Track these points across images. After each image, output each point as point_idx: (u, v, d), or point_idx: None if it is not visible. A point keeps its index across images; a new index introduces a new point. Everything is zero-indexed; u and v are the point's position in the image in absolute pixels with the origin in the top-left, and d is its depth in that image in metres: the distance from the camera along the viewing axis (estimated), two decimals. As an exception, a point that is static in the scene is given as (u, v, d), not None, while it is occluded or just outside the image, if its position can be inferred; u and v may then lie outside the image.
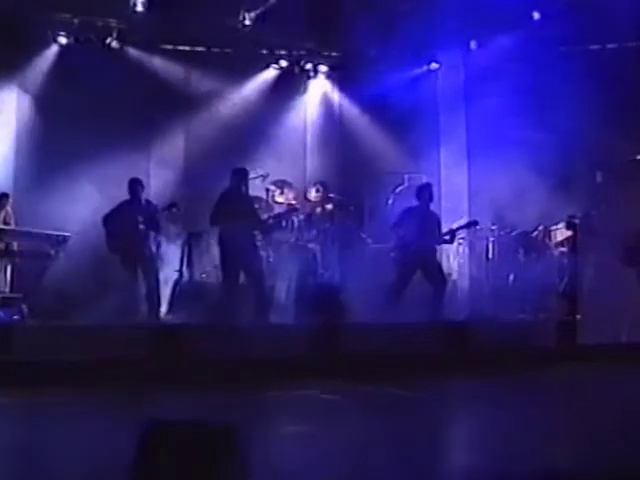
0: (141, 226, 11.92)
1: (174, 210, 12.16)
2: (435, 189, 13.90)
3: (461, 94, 15.11)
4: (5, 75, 13.73)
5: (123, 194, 12.20)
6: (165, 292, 12.41)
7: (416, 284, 11.86)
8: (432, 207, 12.29)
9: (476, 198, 14.12)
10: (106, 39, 13.97)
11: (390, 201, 14.27)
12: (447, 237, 12.15)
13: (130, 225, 11.86)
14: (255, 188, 13.43)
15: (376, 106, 15.02)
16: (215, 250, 12.21)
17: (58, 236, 12.59)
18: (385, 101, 14.51)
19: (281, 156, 15.22)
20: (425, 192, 12.21)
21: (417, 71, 15.54)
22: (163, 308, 12.33)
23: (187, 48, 15.26)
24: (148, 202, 12.23)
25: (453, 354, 10.28)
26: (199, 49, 15.33)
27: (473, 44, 15.32)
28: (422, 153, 15.05)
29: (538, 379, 9.61)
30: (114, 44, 14.03)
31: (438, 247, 12.32)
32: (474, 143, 14.46)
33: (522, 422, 7.21)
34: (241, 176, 11.93)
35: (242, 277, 11.78)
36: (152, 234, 12.01)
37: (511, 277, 13.24)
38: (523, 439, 6.55)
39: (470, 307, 12.86)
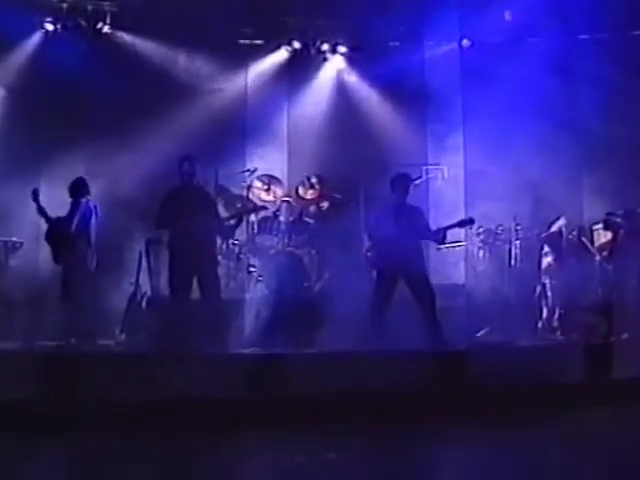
0: (73, 230, 10.06)
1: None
2: (456, 183, 12.53)
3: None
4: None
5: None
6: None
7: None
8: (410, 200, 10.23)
9: (499, 193, 11.77)
10: (97, 24, 12.71)
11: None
12: (435, 237, 9.92)
13: (62, 230, 10.08)
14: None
15: (395, 93, 13.29)
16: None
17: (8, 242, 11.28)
18: (404, 88, 13.00)
19: (284, 148, 13.35)
20: (398, 184, 9.99)
21: (441, 51, 13.51)
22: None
23: (186, 32, 13.28)
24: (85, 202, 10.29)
25: (444, 392, 8.08)
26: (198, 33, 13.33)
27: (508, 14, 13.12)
28: (443, 143, 13.19)
29: (551, 427, 7.46)
30: (106, 29, 12.78)
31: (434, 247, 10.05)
32: (499, 131, 12.25)
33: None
34: (190, 166, 9.78)
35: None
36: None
37: (538, 288, 11.04)
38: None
39: (481, 327, 10.54)
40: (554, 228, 11.14)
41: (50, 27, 12.51)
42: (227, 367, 8.23)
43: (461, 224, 10.14)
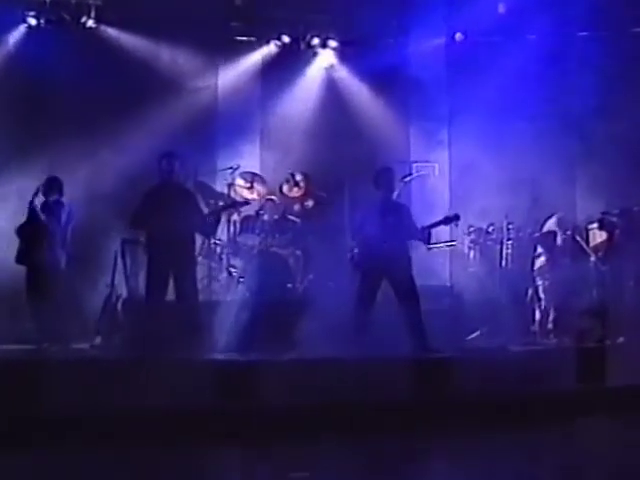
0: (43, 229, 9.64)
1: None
2: (445, 179, 12.20)
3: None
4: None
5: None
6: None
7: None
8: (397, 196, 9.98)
9: (491, 191, 11.32)
10: (81, 18, 12.28)
11: (396, 193, 11.46)
12: (421, 236, 9.40)
13: (34, 229, 9.68)
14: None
15: (385, 88, 12.86)
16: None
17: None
18: (395, 83, 12.65)
19: (271, 145, 12.84)
20: (382, 179, 9.54)
21: (433, 45, 12.99)
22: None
23: (172, 26, 12.75)
24: (57, 200, 9.94)
25: (427, 401, 7.65)
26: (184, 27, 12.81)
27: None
28: (434, 140, 12.80)
29: (541, 440, 7.01)
30: (90, 23, 12.35)
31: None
32: (490, 127, 11.81)
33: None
34: (169, 162, 9.36)
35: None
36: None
37: (530, 290, 10.57)
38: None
39: (470, 330, 10.09)
40: (547, 227, 10.69)
41: (33, 21, 12.16)
42: (198, 374, 7.83)
43: (446, 221, 9.63)
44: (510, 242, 10.86)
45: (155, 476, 6.25)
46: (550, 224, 10.69)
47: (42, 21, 12.17)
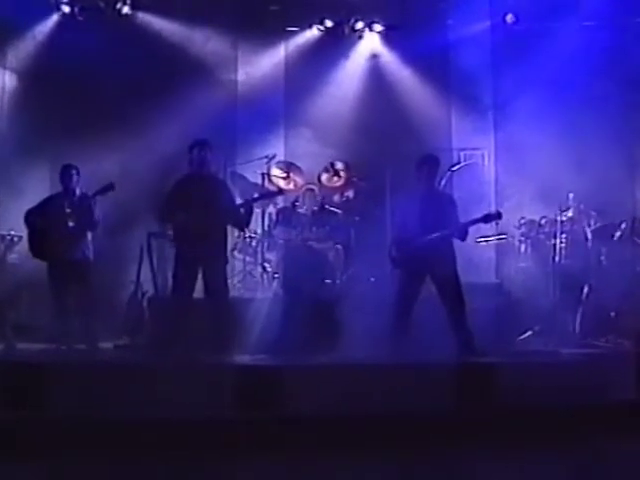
0: (70, 223, 9.10)
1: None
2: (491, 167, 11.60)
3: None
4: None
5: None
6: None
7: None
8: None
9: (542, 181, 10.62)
10: (116, 5, 12.08)
11: (443, 182, 10.83)
12: (458, 233, 8.70)
13: (56, 222, 9.12)
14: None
15: (433, 74, 12.28)
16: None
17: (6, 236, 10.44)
18: (443, 68, 12.13)
19: (312, 134, 12.16)
20: (423, 168, 8.85)
21: (478, 27, 12.29)
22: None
23: (209, 12, 12.48)
24: (83, 194, 9.38)
25: (472, 410, 7.04)
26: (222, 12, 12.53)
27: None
28: (477, 126, 12.11)
29: (594, 456, 6.41)
30: (125, 10, 12.14)
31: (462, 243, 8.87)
32: (540, 113, 11.07)
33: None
34: (201, 152, 8.82)
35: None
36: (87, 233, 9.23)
37: (585, 288, 9.77)
38: None
39: (519, 332, 9.42)
40: (603, 220, 9.95)
41: (67, 9, 12.02)
42: (224, 379, 7.24)
43: (486, 219, 8.81)
44: (564, 235, 10.12)
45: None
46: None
47: (76, 9, 12.01)
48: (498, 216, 8.87)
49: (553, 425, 6.89)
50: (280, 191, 10.19)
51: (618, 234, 9.99)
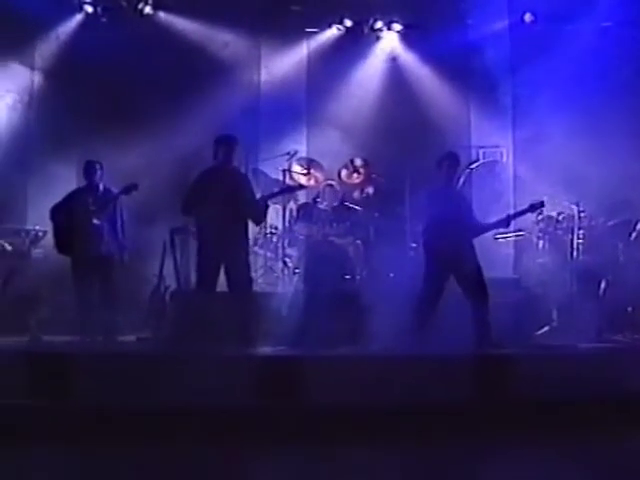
0: (95, 221, 9.26)
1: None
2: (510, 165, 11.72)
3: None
4: (18, 48, 12.00)
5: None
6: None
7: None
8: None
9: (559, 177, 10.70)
10: (138, 4, 12.22)
11: (462, 180, 10.91)
12: (502, 224, 9.01)
13: (81, 218, 9.28)
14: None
15: (452, 73, 12.38)
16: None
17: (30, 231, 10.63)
18: (462, 67, 12.21)
19: (333, 131, 12.29)
20: (443, 165, 8.95)
21: (497, 26, 12.40)
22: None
23: (231, 12, 12.53)
24: (107, 189, 9.57)
25: (490, 402, 7.11)
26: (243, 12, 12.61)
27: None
28: (499, 124, 12.20)
29: (612, 449, 6.43)
30: (147, 10, 12.28)
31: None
32: (558, 111, 11.11)
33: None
34: (227, 147, 8.99)
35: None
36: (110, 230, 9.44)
37: (603, 284, 9.81)
38: None
39: (537, 326, 9.48)
40: (622, 216, 10.00)
41: (90, 9, 12.15)
42: (247, 371, 7.37)
43: (532, 208, 9.20)
44: (582, 231, 10.19)
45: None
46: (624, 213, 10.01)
47: (99, 9, 12.14)
48: (542, 205, 9.19)
49: (570, 416, 6.97)
50: (300, 186, 10.30)
51: (634, 235, 10.04)
